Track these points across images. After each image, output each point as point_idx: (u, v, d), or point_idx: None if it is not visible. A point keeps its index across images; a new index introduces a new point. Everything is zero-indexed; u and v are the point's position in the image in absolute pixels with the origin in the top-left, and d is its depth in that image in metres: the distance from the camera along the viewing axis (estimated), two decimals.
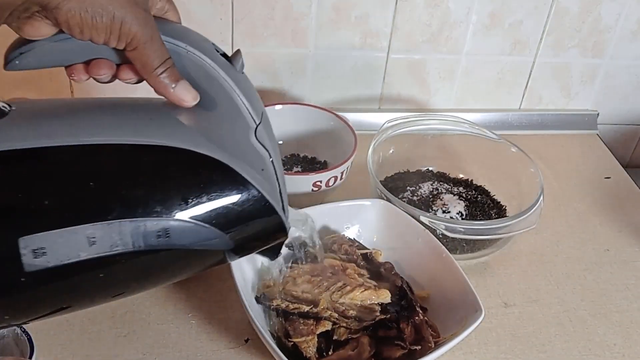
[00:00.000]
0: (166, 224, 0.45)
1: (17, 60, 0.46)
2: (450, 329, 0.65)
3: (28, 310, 0.45)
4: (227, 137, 0.49)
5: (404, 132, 0.90)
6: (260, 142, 0.50)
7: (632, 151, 1.14)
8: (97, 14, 0.43)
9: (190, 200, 0.46)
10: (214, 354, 0.67)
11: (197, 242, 0.47)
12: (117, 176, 0.45)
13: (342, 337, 0.64)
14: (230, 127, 0.49)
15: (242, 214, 0.48)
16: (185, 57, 0.49)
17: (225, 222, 0.47)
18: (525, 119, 1.07)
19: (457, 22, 0.96)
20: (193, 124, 0.49)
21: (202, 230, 0.46)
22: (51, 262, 0.42)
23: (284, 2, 0.90)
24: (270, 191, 0.50)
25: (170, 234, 0.45)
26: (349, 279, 0.68)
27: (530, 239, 0.84)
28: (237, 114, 0.49)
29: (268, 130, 0.51)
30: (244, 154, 0.49)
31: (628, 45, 1.02)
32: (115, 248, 0.44)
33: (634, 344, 0.73)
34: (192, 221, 0.46)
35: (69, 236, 0.42)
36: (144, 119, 0.48)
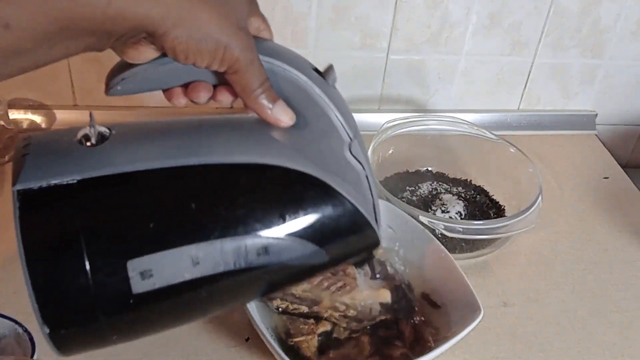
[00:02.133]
0: (265, 241, 0.45)
1: (119, 86, 0.46)
2: (450, 329, 0.65)
3: (133, 331, 0.46)
4: (322, 153, 0.49)
5: (403, 133, 0.90)
6: (355, 156, 0.50)
7: (631, 151, 1.14)
8: (202, 41, 0.43)
9: (288, 217, 0.46)
10: (214, 353, 0.67)
11: (294, 258, 0.47)
12: (216, 196, 0.45)
13: (342, 337, 0.64)
14: (325, 143, 0.50)
15: (338, 229, 0.48)
16: (281, 75, 0.49)
17: (322, 237, 0.48)
18: (524, 119, 1.07)
19: (456, 22, 0.96)
20: (287, 140, 0.49)
21: (300, 246, 0.47)
22: (157, 284, 0.42)
23: (284, 2, 0.90)
24: (365, 205, 0.49)
25: (270, 252, 0.46)
26: (349, 279, 0.68)
27: (529, 238, 0.84)
28: (332, 129, 0.50)
29: (361, 145, 0.51)
30: (339, 169, 0.49)
31: (627, 46, 1.02)
32: (218, 268, 0.44)
33: (633, 344, 0.73)
34: (290, 238, 0.46)
35: (174, 257, 0.43)
36: (239, 138, 0.49)
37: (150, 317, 0.45)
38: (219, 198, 0.45)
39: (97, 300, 0.41)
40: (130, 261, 0.42)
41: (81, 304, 0.41)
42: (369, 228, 0.50)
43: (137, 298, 0.42)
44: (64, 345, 0.43)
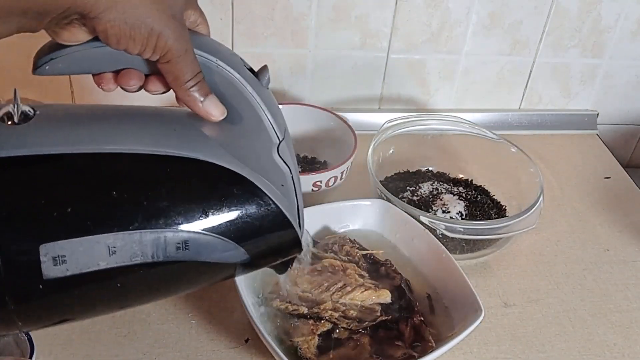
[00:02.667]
0: (186, 235, 0.45)
1: (47, 66, 0.46)
2: (450, 329, 0.65)
3: (41, 318, 0.45)
4: (250, 152, 0.49)
5: (404, 132, 0.90)
6: (282, 158, 0.50)
7: (632, 151, 1.14)
8: (135, 26, 0.43)
9: (211, 213, 0.46)
10: (214, 354, 0.67)
11: (214, 254, 0.47)
12: (139, 186, 0.45)
13: (342, 337, 0.64)
14: (254, 142, 0.50)
15: (260, 229, 0.48)
16: (215, 71, 0.49)
17: (243, 235, 0.48)
18: (525, 119, 1.07)
19: (457, 22, 0.96)
20: (217, 137, 0.49)
21: (220, 243, 0.47)
22: (70, 271, 0.42)
23: (284, 2, 0.90)
24: (289, 207, 0.50)
25: (190, 246, 0.45)
26: (349, 279, 0.68)
27: (530, 239, 0.84)
28: (261, 129, 0.50)
29: (290, 147, 0.51)
30: (266, 169, 0.49)
31: (628, 45, 1.02)
32: (135, 258, 0.44)
33: (633, 344, 0.73)
34: (211, 234, 0.46)
35: (90, 245, 0.42)
36: (168, 130, 0.49)
37: (61, 305, 0.44)
38: (141, 188, 0.45)
39: (5, 282, 0.41)
40: (44, 245, 0.41)
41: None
42: (291, 230, 0.50)
43: (47, 283, 0.41)
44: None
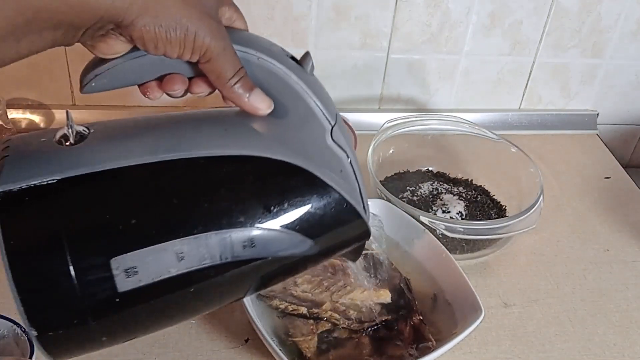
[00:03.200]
0: (250, 233, 0.45)
1: (93, 82, 0.46)
2: (450, 329, 0.65)
3: (123, 331, 0.46)
4: (303, 141, 0.49)
5: (404, 132, 0.90)
6: (337, 143, 0.49)
7: (632, 151, 1.14)
8: (170, 28, 0.43)
9: (272, 208, 0.46)
10: (214, 354, 0.67)
11: (281, 249, 0.47)
12: (198, 190, 0.45)
13: (342, 337, 0.64)
14: (306, 131, 0.49)
15: (325, 218, 0.48)
16: (257, 64, 0.48)
17: (308, 226, 0.47)
18: (525, 119, 1.07)
19: (457, 22, 0.96)
20: (268, 131, 0.49)
21: (286, 237, 0.46)
22: (143, 281, 0.42)
23: (284, 2, 0.90)
24: (351, 192, 0.49)
25: (256, 243, 0.45)
26: (349, 279, 0.68)
27: (530, 239, 0.84)
28: (312, 116, 0.49)
29: (343, 131, 0.51)
30: (322, 156, 0.49)
31: (628, 45, 1.02)
32: (204, 262, 0.44)
33: (633, 343, 0.73)
34: (276, 229, 0.46)
35: (158, 253, 0.42)
36: (219, 130, 0.49)
37: (138, 315, 0.45)
38: (200, 191, 0.45)
39: (83, 300, 0.41)
40: (114, 259, 0.41)
41: (66, 304, 0.41)
42: (356, 216, 0.50)
43: (123, 296, 0.42)
44: (54, 347, 0.43)
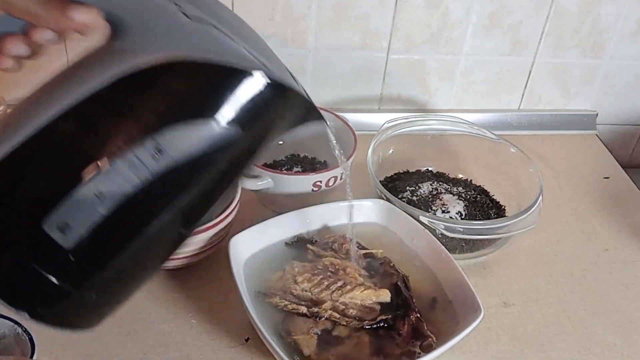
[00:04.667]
0: (149, 141, 0.43)
1: None
2: (450, 329, 0.65)
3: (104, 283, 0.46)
4: (163, 32, 0.46)
5: (403, 132, 0.90)
6: (193, 16, 0.46)
7: (631, 151, 1.14)
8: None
9: (160, 109, 0.44)
10: (214, 354, 0.67)
11: (195, 144, 0.44)
12: (86, 131, 0.45)
13: (342, 335, 0.64)
14: (159, 24, 0.46)
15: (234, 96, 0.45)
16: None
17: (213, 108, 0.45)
18: (525, 119, 1.07)
19: (456, 22, 0.96)
20: (132, 45, 0.46)
21: (195, 130, 0.44)
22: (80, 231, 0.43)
23: (284, 2, 0.90)
24: (236, 54, 0.45)
25: (162, 148, 0.44)
26: (349, 278, 0.68)
27: (529, 238, 0.84)
28: (154, 9, 0.46)
29: (198, 4, 0.48)
30: (188, 35, 0.45)
31: (627, 46, 1.02)
32: (126, 190, 0.43)
33: (633, 343, 0.73)
34: (178, 126, 0.44)
35: (78, 202, 0.43)
36: (93, 67, 0.47)
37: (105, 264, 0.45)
38: (87, 130, 0.45)
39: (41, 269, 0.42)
40: (44, 223, 0.42)
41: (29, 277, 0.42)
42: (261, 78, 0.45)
43: (75, 253, 0.43)
44: (54, 319, 0.44)
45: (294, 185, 0.79)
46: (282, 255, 0.72)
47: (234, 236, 0.69)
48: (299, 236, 0.75)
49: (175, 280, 0.74)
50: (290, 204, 0.77)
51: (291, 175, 0.82)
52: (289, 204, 0.77)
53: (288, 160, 0.90)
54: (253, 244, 0.71)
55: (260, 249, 0.72)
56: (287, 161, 0.90)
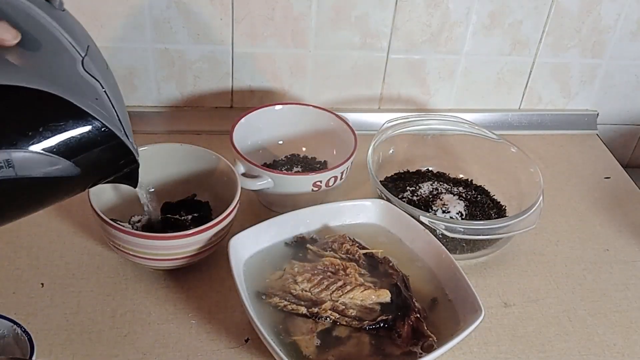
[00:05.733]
0: (5, 154, 0.49)
1: None
2: (450, 329, 0.65)
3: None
4: (55, 71, 0.52)
5: (403, 132, 0.90)
6: (89, 72, 0.53)
7: (632, 151, 1.14)
8: None
9: (28, 132, 0.50)
10: (214, 354, 0.67)
11: (42, 170, 0.51)
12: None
13: (342, 336, 0.64)
14: (57, 62, 0.53)
15: (83, 141, 0.52)
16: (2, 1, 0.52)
17: (66, 149, 0.52)
18: (525, 119, 1.07)
19: (457, 22, 0.96)
20: (21, 62, 0.51)
21: (44, 159, 0.51)
22: None
23: (284, 2, 0.90)
24: (108, 117, 0.53)
25: (13, 164, 0.49)
26: (349, 278, 0.68)
27: (530, 239, 0.84)
28: (62, 49, 0.53)
29: (97, 62, 0.55)
30: (75, 85, 0.52)
31: (628, 45, 1.02)
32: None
33: (633, 344, 0.73)
34: (31, 151, 0.50)
35: None
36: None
37: None
38: None
39: None
40: None
41: None
42: (115, 138, 0.54)
43: None
44: None
45: (294, 185, 0.79)
46: (282, 255, 0.72)
47: (234, 236, 0.69)
48: (299, 236, 0.74)
49: (175, 280, 0.74)
50: (290, 204, 0.77)
51: (291, 175, 0.82)
52: (289, 204, 0.77)
53: (288, 160, 0.90)
54: (253, 244, 0.71)
55: (260, 249, 0.72)
56: (287, 161, 0.90)
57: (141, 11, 0.88)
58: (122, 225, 0.69)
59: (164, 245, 0.67)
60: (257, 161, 0.82)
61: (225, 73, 0.96)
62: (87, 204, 0.68)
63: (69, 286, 0.72)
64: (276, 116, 0.88)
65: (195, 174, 0.79)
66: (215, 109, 0.99)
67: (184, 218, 0.76)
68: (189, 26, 0.90)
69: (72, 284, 0.72)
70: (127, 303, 0.71)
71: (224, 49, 0.93)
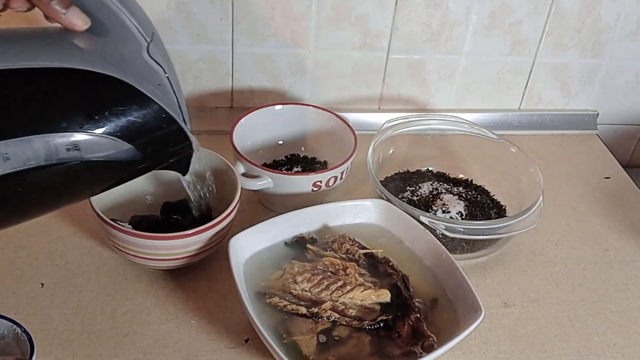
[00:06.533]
0: (73, 138, 0.50)
1: None
2: (450, 329, 0.65)
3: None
4: (121, 57, 0.53)
5: (404, 132, 0.90)
6: (154, 59, 0.54)
7: (632, 151, 1.14)
8: None
9: (94, 115, 0.51)
10: (214, 354, 0.67)
11: (105, 153, 0.52)
12: (22, 96, 0.49)
13: (342, 336, 0.64)
14: (124, 47, 0.54)
15: (144, 126, 0.53)
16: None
17: (129, 133, 0.53)
18: (525, 119, 1.07)
19: (457, 22, 0.96)
20: (88, 46, 0.53)
21: (109, 142, 0.52)
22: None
23: (284, 2, 0.90)
24: (169, 103, 0.55)
25: (80, 147, 0.50)
26: (349, 278, 0.68)
27: (530, 239, 0.84)
28: (129, 34, 0.54)
29: (160, 49, 0.56)
30: (140, 70, 0.54)
31: (628, 45, 1.02)
32: (29, 162, 0.48)
33: (633, 343, 0.73)
34: (97, 134, 0.51)
35: None
36: (41, 44, 0.52)
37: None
38: (25, 98, 0.49)
39: None
40: None
41: None
42: (176, 125, 0.55)
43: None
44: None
45: (294, 185, 0.79)
46: (282, 255, 0.72)
47: (234, 236, 0.69)
48: (299, 236, 0.74)
49: (175, 280, 0.74)
50: (290, 204, 0.77)
51: (291, 175, 0.82)
52: (289, 204, 0.77)
53: (288, 160, 0.90)
54: (253, 244, 0.71)
55: (260, 249, 0.72)
56: (287, 161, 0.90)
57: None
58: (122, 225, 0.69)
59: (164, 245, 0.67)
60: (257, 161, 0.82)
61: (225, 73, 0.96)
62: (87, 204, 0.68)
63: (69, 286, 0.72)
64: (276, 116, 0.88)
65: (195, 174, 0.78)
66: (215, 109, 0.99)
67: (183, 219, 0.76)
68: (189, 26, 0.90)
69: (72, 284, 0.72)
70: (127, 303, 0.71)
71: (224, 49, 0.93)
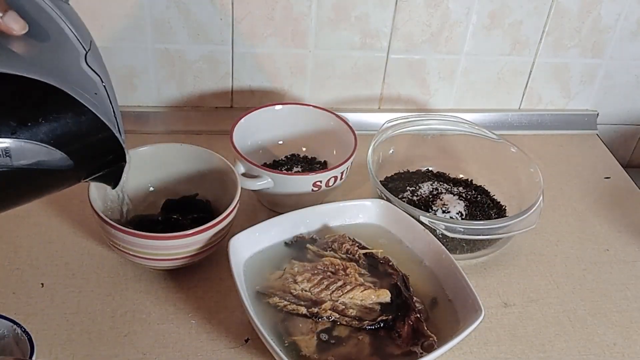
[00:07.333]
0: (5, 144, 0.49)
1: None
2: (450, 329, 0.65)
3: None
4: (58, 64, 0.53)
5: (404, 132, 0.90)
6: (91, 67, 0.54)
7: (632, 151, 1.14)
8: None
9: (27, 122, 0.50)
10: (214, 354, 0.67)
11: (36, 160, 0.51)
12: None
13: (342, 336, 0.64)
14: (61, 54, 0.53)
15: (78, 134, 0.53)
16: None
17: (63, 141, 0.52)
18: (525, 119, 1.07)
19: (457, 22, 0.96)
20: (25, 52, 0.52)
21: (41, 150, 0.51)
22: None
23: (284, 2, 0.90)
24: (104, 112, 0.54)
25: (11, 153, 0.50)
26: (349, 278, 0.68)
27: (530, 239, 0.84)
28: (67, 42, 0.54)
29: (98, 58, 0.56)
30: (76, 78, 0.53)
31: (628, 45, 1.02)
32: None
33: (633, 343, 0.73)
34: (29, 141, 0.50)
35: None
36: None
37: None
38: None
39: None
40: None
41: None
42: (110, 134, 0.55)
43: None
44: None
45: (294, 185, 0.79)
46: (282, 255, 0.72)
47: (234, 236, 0.69)
48: (299, 236, 0.74)
49: (175, 280, 0.74)
50: (290, 204, 0.77)
51: (291, 175, 0.82)
52: (289, 204, 0.77)
53: (288, 160, 0.90)
54: (253, 244, 0.71)
55: (260, 249, 0.72)
56: (287, 161, 0.90)
57: (141, 11, 0.88)
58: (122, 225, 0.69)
59: (164, 245, 0.67)
60: (257, 161, 0.82)
61: (225, 73, 0.96)
62: (87, 204, 0.68)
63: (69, 286, 0.72)
64: (276, 116, 0.88)
65: (195, 174, 0.79)
66: (215, 109, 0.99)
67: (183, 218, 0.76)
68: (189, 26, 0.91)
69: (72, 284, 0.72)
70: (127, 303, 0.71)
71: (224, 49, 0.93)
